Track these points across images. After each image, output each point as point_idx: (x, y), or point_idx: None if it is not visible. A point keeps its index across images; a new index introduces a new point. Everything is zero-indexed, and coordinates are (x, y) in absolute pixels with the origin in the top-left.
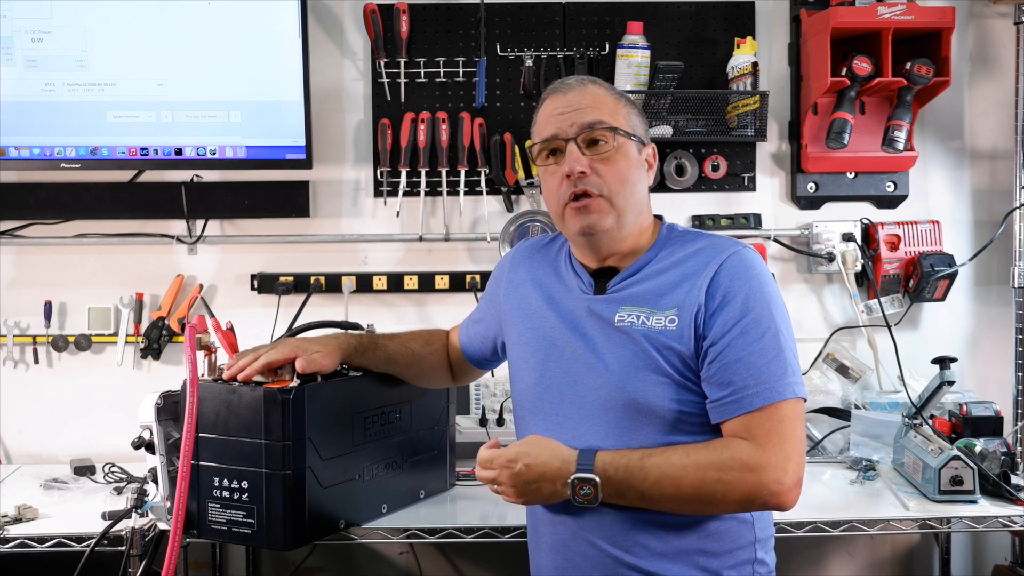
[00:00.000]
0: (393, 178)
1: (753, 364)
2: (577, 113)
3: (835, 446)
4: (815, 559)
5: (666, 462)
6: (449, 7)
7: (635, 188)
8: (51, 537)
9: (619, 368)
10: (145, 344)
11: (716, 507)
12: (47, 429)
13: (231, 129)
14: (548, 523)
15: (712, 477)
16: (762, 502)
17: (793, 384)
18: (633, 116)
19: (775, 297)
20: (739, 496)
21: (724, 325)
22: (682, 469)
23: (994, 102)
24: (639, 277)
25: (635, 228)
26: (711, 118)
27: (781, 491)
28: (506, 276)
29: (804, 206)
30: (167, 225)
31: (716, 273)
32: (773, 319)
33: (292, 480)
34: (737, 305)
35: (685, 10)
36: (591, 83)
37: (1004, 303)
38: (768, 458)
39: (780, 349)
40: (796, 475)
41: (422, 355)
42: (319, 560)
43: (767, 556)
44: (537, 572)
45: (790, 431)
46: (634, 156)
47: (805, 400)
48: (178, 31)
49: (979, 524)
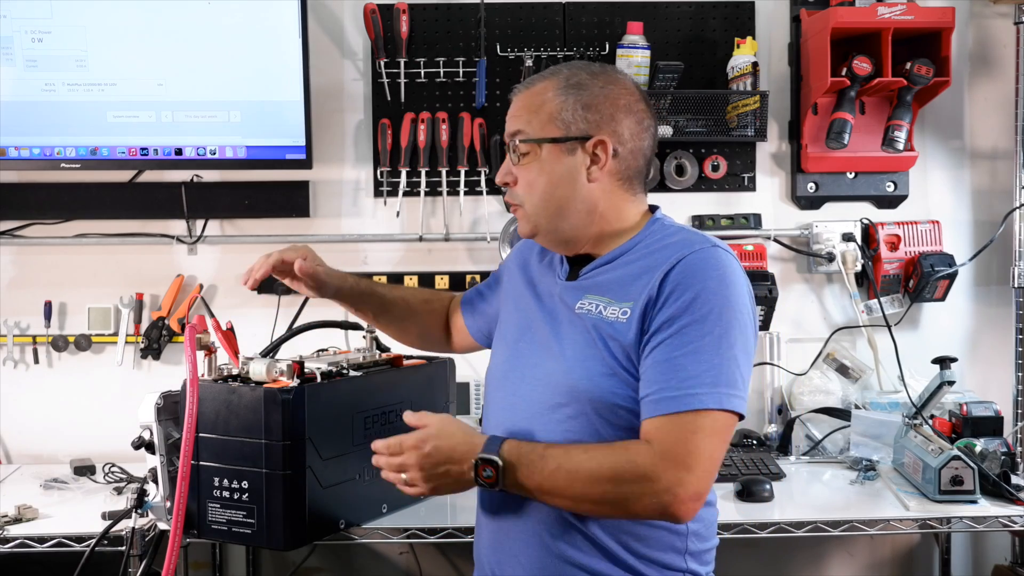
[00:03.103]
0: (393, 178)
1: (682, 367)
2: (509, 121)
3: (835, 446)
4: (815, 559)
5: (565, 455)
6: (449, 7)
7: (553, 194)
8: (51, 537)
9: (570, 355)
10: (145, 344)
11: (607, 508)
12: (47, 429)
13: (231, 129)
14: (489, 515)
15: (605, 476)
16: (652, 511)
17: (723, 395)
18: (569, 109)
19: (734, 303)
20: (628, 500)
21: (666, 321)
22: (578, 464)
23: (994, 102)
24: (610, 267)
25: (586, 226)
26: (711, 118)
27: (672, 503)
28: (511, 259)
29: (804, 206)
30: (167, 225)
31: (673, 267)
32: (721, 324)
33: (292, 480)
34: (684, 303)
35: (685, 10)
36: (542, 79)
37: (1004, 303)
38: (664, 467)
39: (719, 357)
40: (694, 489)
41: (418, 311)
42: (319, 560)
43: (701, 569)
44: (477, 546)
45: (700, 444)
46: (556, 160)
47: (741, 417)
48: (178, 31)
49: (979, 524)
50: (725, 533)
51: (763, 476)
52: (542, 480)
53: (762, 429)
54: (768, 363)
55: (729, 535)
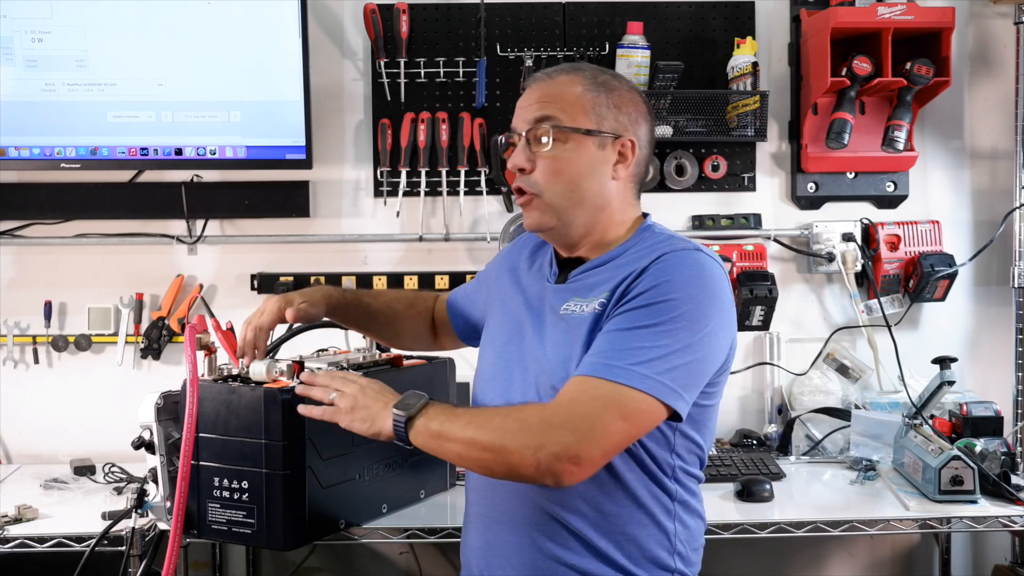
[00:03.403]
0: (393, 178)
1: (615, 340)
2: (531, 108)
3: (835, 446)
4: (815, 559)
5: (477, 408)
6: (449, 7)
7: (579, 185)
8: (51, 537)
9: (552, 357)
10: (145, 344)
11: (489, 456)
12: (47, 429)
13: (231, 129)
14: (478, 516)
15: (495, 424)
16: (529, 466)
17: (656, 382)
18: (603, 105)
19: (700, 303)
20: (508, 451)
21: (628, 301)
22: (478, 412)
23: (994, 102)
24: (599, 270)
25: (595, 224)
26: (711, 118)
27: (545, 459)
28: (498, 262)
29: (804, 206)
30: (167, 225)
31: (651, 263)
32: (676, 319)
33: (292, 480)
34: (643, 288)
35: (685, 10)
36: (566, 72)
37: (1004, 303)
38: (547, 426)
39: (657, 346)
40: (574, 451)
41: (404, 316)
42: (319, 560)
43: (688, 570)
44: (465, 548)
45: (600, 414)
46: (586, 150)
47: (676, 416)
48: (178, 31)
49: (979, 524)
50: (725, 533)
51: (763, 476)
52: (443, 421)
53: (762, 429)
54: (768, 363)
55: (729, 535)
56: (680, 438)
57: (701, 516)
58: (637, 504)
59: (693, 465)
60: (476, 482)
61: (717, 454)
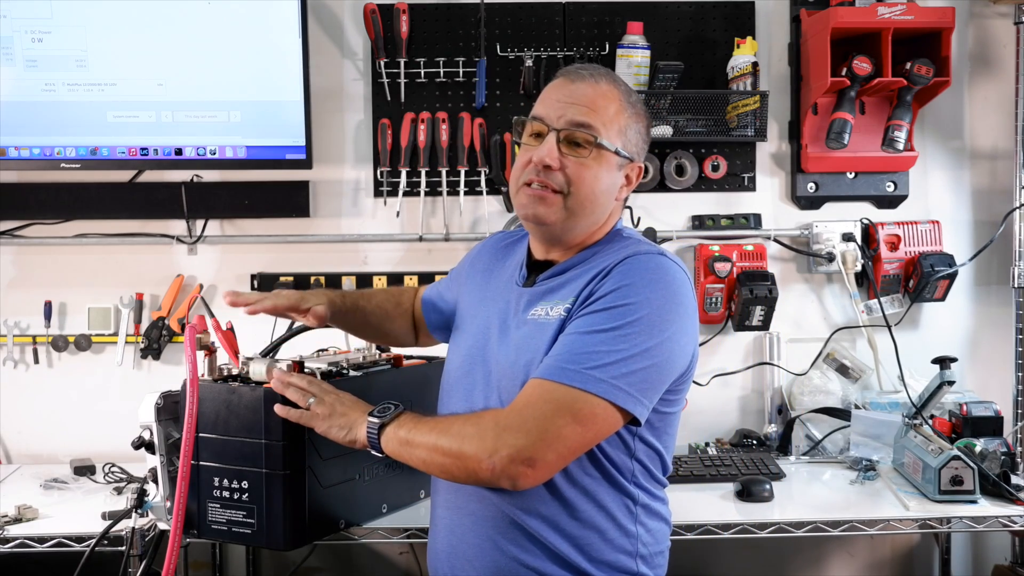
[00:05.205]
0: (393, 178)
1: (573, 343)
2: (572, 108)
3: (835, 446)
4: (815, 559)
5: (443, 417)
6: (449, 7)
7: (598, 199)
8: (51, 537)
9: (516, 360)
10: (145, 344)
11: (450, 462)
12: (47, 429)
13: (231, 129)
14: (443, 520)
15: (454, 430)
16: (485, 471)
17: (597, 380)
18: (632, 129)
19: (661, 308)
20: (465, 456)
21: (589, 304)
22: (440, 420)
23: (994, 102)
24: (566, 275)
25: (586, 235)
26: (711, 118)
27: (499, 463)
28: (470, 260)
29: (804, 206)
30: (167, 225)
31: (615, 265)
32: (635, 323)
33: (292, 480)
34: (603, 293)
35: (685, 10)
36: (607, 80)
37: (1004, 303)
38: (502, 431)
39: (614, 350)
40: (528, 454)
41: (393, 316)
42: (319, 560)
43: (652, 572)
44: (432, 552)
45: (554, 419)
46: (610, 169)
47: (634, 420)
48: (178, 31)
49: (979, 524)
50: (725, 533)
51: (763, 476)
52: (410, 428)
53: (762, 429)
54: (768, 363)
55: (729, 535)
56: (640, 444)
57: (665, 519)
58: (597, 507)
59: (656, 469)
60: (441, 487)
61: (717, 454)
